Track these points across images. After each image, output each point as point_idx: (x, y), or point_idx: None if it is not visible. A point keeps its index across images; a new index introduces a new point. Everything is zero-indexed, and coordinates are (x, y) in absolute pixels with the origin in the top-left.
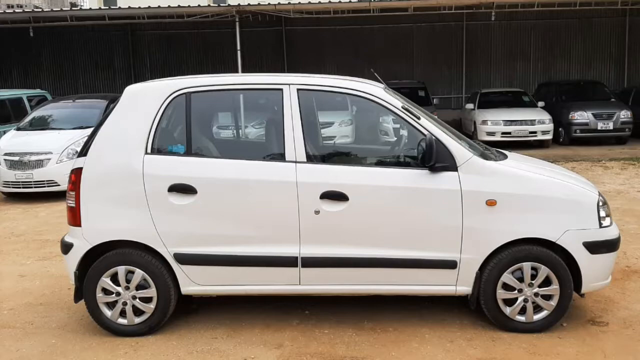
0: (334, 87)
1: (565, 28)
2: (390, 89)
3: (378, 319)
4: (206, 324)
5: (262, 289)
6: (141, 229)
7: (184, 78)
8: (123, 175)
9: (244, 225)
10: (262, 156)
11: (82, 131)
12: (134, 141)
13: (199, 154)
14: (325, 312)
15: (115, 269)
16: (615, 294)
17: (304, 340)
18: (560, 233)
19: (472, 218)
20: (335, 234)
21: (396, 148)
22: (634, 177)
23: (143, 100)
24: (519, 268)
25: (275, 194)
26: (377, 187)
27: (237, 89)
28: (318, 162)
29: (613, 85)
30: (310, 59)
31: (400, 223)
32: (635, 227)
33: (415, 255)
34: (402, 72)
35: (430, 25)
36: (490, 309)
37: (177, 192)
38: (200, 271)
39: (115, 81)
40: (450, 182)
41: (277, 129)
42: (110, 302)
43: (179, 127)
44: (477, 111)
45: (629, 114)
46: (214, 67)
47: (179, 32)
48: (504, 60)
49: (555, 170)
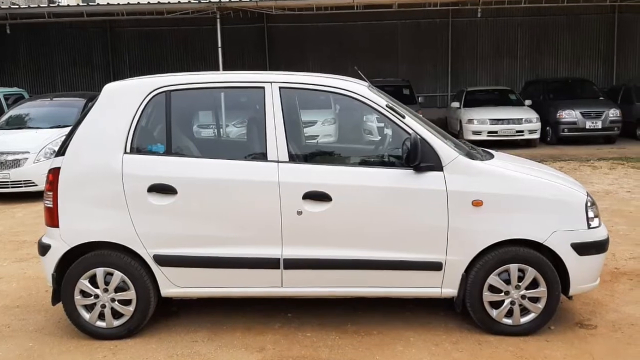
0: (317, 85)
1: (552, 25)
2: (374, 87)
3: (362, 322)
4: (186, 327)
5: (243, 291)
6: (120, 230)
7: (163, 76)
8: (101, 175)
9: (224, 226)
10: (244, 156)
11: (60, 130)
12: (112, 140)
13: (179, 154)
14: (308, 315)
15: (94, 271)
16: (604, 296)
17: (286, 344)
18: (548, 234)
19: (458, 219)
20: (318, 235)
21: (380, 147)
22: (623, 177)
23: (122, 98)
24: (506, 270)
25: (256, 194)
26: (360, 188)
27: (218, 87)
28: (300, 161)
29: (601, 83)
30: (292, 57)
31: (384, 224)
32: (624, 228)
33: (400, 256)
34: (387, 70)
35: (415, 22)
36: (477, 311)
37: (157, 193)
38: (180, 273)
39: (93, 79)
40: (436, 182)
41: (259, 128)
42: (88, 304)
43: (159, 126)
44: (463, 110)
45: (617, 112)
46: (194, 65)
47: (159, 29)
48: (491, 57)
49: (542, 170)
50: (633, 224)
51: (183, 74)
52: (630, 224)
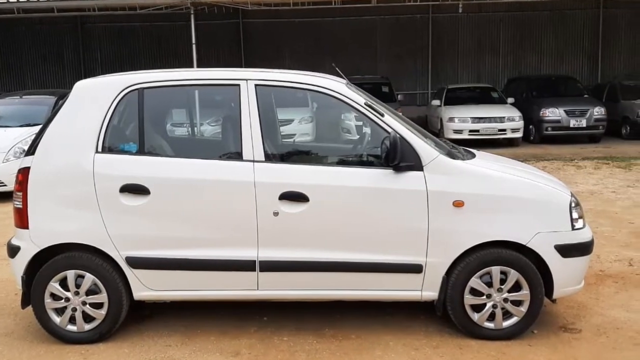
0: (294, 82)
1: (536, 20)
2: (353, 85)
3: (340, 325)
4: (160, 331)
5: (218, 295)
6: (91, 231)
7: (136, 73)
8: (72, 175)
9: (199, 228)
10: (219, 155)
11: (30, 129)
12: (83, 139)
13: (152, 153)
14: (285, 319)
15: (65, 274)
16: (589, 299)
17: (262, 348)
18: (531, 235)
19: (439, 220)
20: (295, 237)
21: (359, 147)
22: (608, 177)
23: (93, 96)
24: (488, 272)
25: (232, 194)
26: (338, 188)
27: (192, 84)
28: (277, 161)
29: (586, 80)
30: (268, 54)
31: (362, 225)
32: (609, 230)
33: (379, 258)
34: (365, 67)
35: (394, 18)
36: (458, 315)
37: (129, 193)
38: (153, 275)
39: (64, 76)
40: (416, 182)
41: (234, 126)
42: (59, 308)
43: (132, 124)
44: (444, 108)
45: (602, 110)
46: (168, 62)
47: (132, 25)
48: (472, 54)
49: (525, 170)
50: (618, 225)
51: (156, 71)
52: (615, 225)
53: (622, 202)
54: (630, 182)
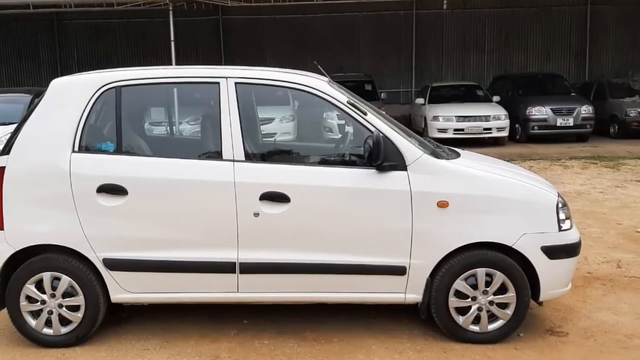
0: (275, 80)
1: (522, 17)
2: (335, 83)
3: (321, 329)
4: (138, 334)
5: (197, 297)
6: (68, 232)
7: (114, 71)
8: (48, 175)
9: (178, 229)
10: (198, 154)
11: (4, 128)
12: (60, 139)
13: (129, 152)
14: (265, 322)
15: (41, 275)
16: (576, 302)
17: (242, 352)
18: (517, 237)
19: (423, 221)
20: (275, 238)
21: (341, 146)
22: (596, 177)
23: (70, 94)
24: (473, 274)
25: (211, 195)
26: (320, 188)
27: (171, 82)
28: (257, 161)
29: (573, 78)
30: (249, 51)
31: (345, 226)
32: (597, 231)
33: (362, 260)
34: (348, 65)
35: (377, 14)
36: (442, 318)
37: (107, 193)
38: (131, 278)
39: (40, 74)
40: (399, 182)
41: (214, 125)
42: (34, 310)
43: (109, 123)
44: (428, 106)
45: (590, 109)
46: (146, 60)
47: (109, 21)
48: (457, 51)
49: (511, 170)
50: (606, 226)
51: (134, 68)
52: (603, 226)
53: (610, 203)
54: (618, 182)
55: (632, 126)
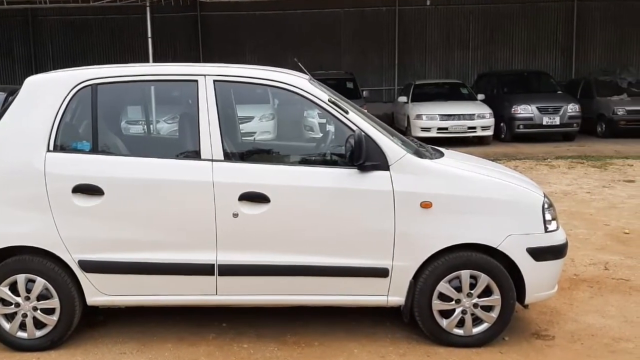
0: (254, 78)
1: (507, 13)
2: (316, 81)
3: (302, 332)
4: (114, 338)
5: (175, 300)
6: (43, 233)
7: (89, 68)
8: (23, 175)
9: (155, 230)
10: (176, 154)
11: None
12: (34, 138)
13: (106, 152)
14: (245, 325)
15: (14, 278)
16: (562, 305)
17: (221, 356)
18: (502, 238)
19: (405, 222)
20: (255, 239)
21: (322, 145)
22: (583, 177)
23: (45, 92)
24: (457, 276)
25: (189, 195)
26: (301, 188)
27: (148, 80)
28: (236, 160)
29: (560, 75)
30: (228, 48)
31: (326, 227)
32: (583, 232)
33: (343, 262)
34: (329, 62)
35: (359, 11)
36: (425, 321)
37: (82, 193)
38: (107, 280)
39: (14, 71)
40: (381, 182)
41: (192, 124)
42: (8, 313)
43: (85, 122)
44: (411, 105)
45: (577, 107)
46: (122, 57)
47: (85, 18)
48: (441, 48)
49: (496, 170)
50: (593, 227)
51: (110, 66)
52: (590, 227)
53: (597, 203)
54: (605, 182)
55: (619, 125)
